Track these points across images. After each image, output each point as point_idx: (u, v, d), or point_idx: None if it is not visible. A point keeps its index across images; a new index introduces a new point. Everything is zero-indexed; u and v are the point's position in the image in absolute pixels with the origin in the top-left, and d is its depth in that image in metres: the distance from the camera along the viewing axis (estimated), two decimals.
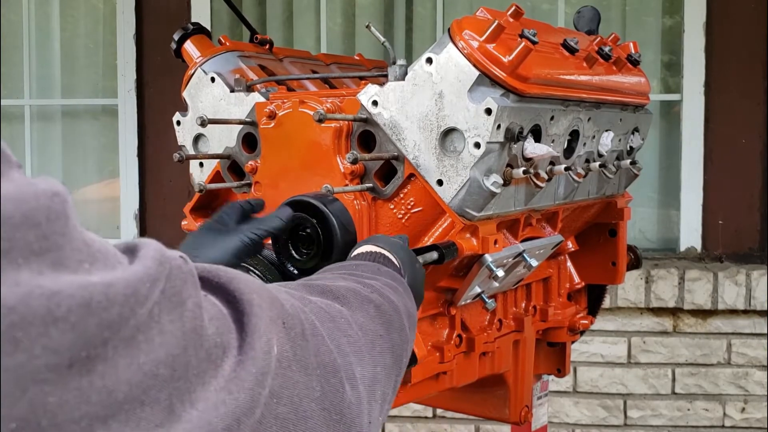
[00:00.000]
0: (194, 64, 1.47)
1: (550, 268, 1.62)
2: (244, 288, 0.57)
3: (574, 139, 1.40)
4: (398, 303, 0.81)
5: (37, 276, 0.41)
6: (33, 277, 0.41)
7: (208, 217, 1.49)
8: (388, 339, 0.76)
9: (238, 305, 0.56)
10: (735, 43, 3.18)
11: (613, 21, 3.38)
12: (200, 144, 1.47)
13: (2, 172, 0.42)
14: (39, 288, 0.41)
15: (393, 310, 0.79)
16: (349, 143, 1.26)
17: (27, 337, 0.40)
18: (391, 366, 0.75)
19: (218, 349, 0.51)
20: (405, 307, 0.83)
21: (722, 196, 3.22)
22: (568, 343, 1.72)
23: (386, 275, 0.87)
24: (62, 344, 0.41)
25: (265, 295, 0.60)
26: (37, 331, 0.40)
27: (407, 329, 0.82)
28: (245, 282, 0.58)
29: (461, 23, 1.19)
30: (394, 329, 0.78)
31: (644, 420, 3.14)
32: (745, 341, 3.08)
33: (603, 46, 1.45)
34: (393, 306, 0.80)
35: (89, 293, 0.43)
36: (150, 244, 0.50)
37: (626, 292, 3.04)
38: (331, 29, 3.48)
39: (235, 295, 0.56)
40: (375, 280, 0.83)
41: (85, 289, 0.43)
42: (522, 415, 1.55)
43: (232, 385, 0.52)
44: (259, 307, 0.57)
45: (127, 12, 3.40)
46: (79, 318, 0.42)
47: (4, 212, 0.41)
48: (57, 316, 0.41)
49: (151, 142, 3.43)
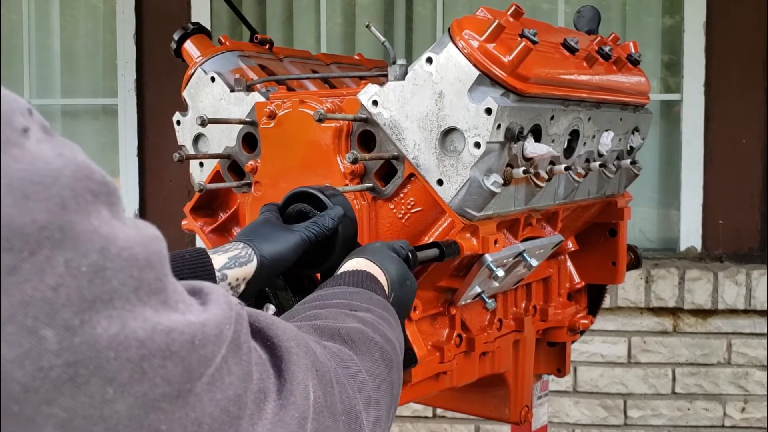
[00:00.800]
0: (194, 64, 1.47)
1: (550, 268, 1.62)
2: (282, 335, 0.61)
3: (574, 139, 1.40)
4: (394, 339, 0.83)
5: (156, 313, 0.46)
6: (154, 314, 0.46)
7: (208, 217, 1.50)
8: (389, 381, 0.78)
9: (276, 351, 0.59)
10: (735, 43, 3.18)
11: (613, 21, 3.38)
12: (200, 144, 1.47)
13: (122, 217, 0.47)
14: (159, 324, 0.46)
15: (392, 349, 0.81)
16: (349, 143, 1.26)
17: (151, 368, 0.45)
18: (389, 406, 0.77)
19: (261, 394, 0.55)
20: (398, 342, 0.85)
21: (722, 196, 3.22)
22: (568, 343, 1.72)
23: (378, 305, 0.88)
24: (174, 376, 0.46)
25: (301, 342, 0.63)
26: (158, 363, 0.45)
27: (401, 364, 0.84)
28: (282, 329, 0.62)
29: (461, 23, 1.19)
30: (394, 370, 0.80)
31: (644, 420, 3.14)
32: (745, 341, 3.08)
33: (603, 46, 1.45)
34: (391, 345, 0.81)
35: (193, 331, 0.48)
36: (216, 288, 0.55)
37: (626, 292, 3.04)
38: (331, 29, 3.48)
39: (274, 341, 0.60)
40: (370, 312, 0.84)
41: (189, 326, 0.48)
42: (522, 414, 1.55)
43: (278, 428, 0.55)
44: (296, 354, 0.60)
45: (127, 12, 3.40)
46: (186, 353, 0.47)
47: (135, 254, 0.46)
48: (173, 351, 0.46)
49: (151, 142, 3.43)
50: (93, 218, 0.44)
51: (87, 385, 0.43)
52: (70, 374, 0.42)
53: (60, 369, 0.42)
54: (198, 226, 1.48)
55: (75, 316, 0.42)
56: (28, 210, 0.42)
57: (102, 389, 0.43)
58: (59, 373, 0.42)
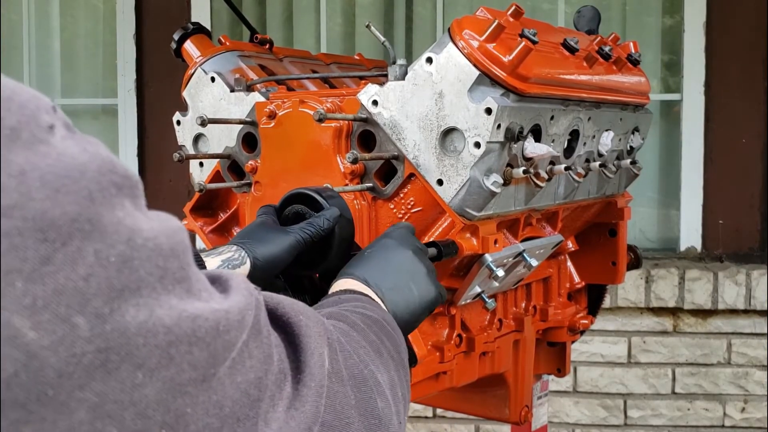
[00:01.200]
0: (194, 64, 1.47)
1: (550, 268, 1.62)
2: (290, 311, 0.63)
3: (574, 139, 1.40)
4: (373, 314, 0.83)
5: (181, 301, 0.48)
6: (179, 301, 0.48)
7: (208, 217, 1.50)
8: (386, 345, 0.79)
9: (288, 328, 0.62)
10: (735, 43, 3.18)
11: (613, 21, 3.38)
12: (200, 144, 1.47)
13: (144, 209, 0.49)
14: (185, 311, 0.48)
15: (373, 321, 0.82)
16: (349, 143, 1.26)
17: (178, 353, 0.47)
18: (398, 368, 0.78)
19: (281, 375, 0.57)
20: (380, 316, 0.85)
21: (722, 196, 3.22)
22: (568, 343, 1.72)
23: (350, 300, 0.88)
24: (200, 361, 0.48)
25: (310, 314, 0.65)
26: (185, 348, 0.47)
27: (393, 332, 0.84)
28: (290, 305, 0.64)
29: (461, 23, 1.19)
30: (385, 335, 0.80)
31: (644, 420, 3.14)
32: (745, 341, 3.08)
33: (603, 46, 1.45)
34: (372, 319, 0.82)
35: (217, 317, 0.50)
36: (236, 276, 0.57)
37: (626, 292, 3.04)
38: (331, 29, 3.48)
39: (284, 319, 0.62)
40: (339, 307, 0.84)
41: (214, 313, 0.50)
42: (522, 414, 1.55)
43: (297, 402, 0.58)
44: (307, 327, 0.63)
45: (127, 12, 3.40)
46: (212, 339, 0.49)
47: (160, 244, 0.47)
48: (198, 336, 0.48)
49: (151, 142, 3.43)
50: (117, 210, 0.46)
51: (117, 371, 0.44)
52: (102, 360, 0.44)
53: (92, 355, 0.43)
54: (198, 226, 1.48)
55: (105, 305, 0.44)
56: (59, 203, 0.43)
57: (132, 374, 0.45)
58: (91, 359, 0.43)
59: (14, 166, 0.43)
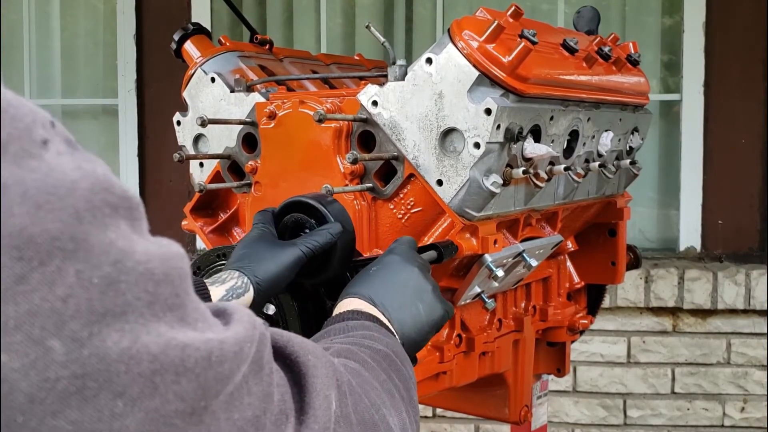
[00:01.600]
0: (194, 64, 1.47)
1: (550, 268, 1.62)
2: (299, 350, 0.60)
3: (574, 139, 1.41)
4: (382, 347, 0.81)
5: (171, 329, 0.46)
6: (169, 329, 0.46)
7: (208, 217, 1.50)
8: (396, 384, 0.77)
9: (295, 367, 0.59)
10: (735, 43, 3.19)
11: (613, 21, 3.38)
12: (200, 144, 1.47)
13: (144, 233, 0.47)
14: (174, 339, 0.45)
15: (383, 356, 0.79)
16: (348, 143, 1.26)
17: (163, 383, 0.45)
18: (408, 408, 0.76)
19: (282, 416, 0.54)
20: (389, 348, 0.82)
21: (722, 196, 3.22)
22: (568, 343, 1.72)
23: (356, 327, 0.86)
24: (188, 392, 0.46)
25: (319, 354, 0.62)
26: (171, 378, 0.45)
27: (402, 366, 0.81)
28: (299, 343, 0.61)
29: (461, 23, 1.19)
30: (395, 372, 0.78)
31: (644, 419, 3.14)
32: (745, 341, 3.09)
33: (602, 46, 1.45)
34: (382, 354, 0.79)
35: (210, 348, 0.47)
36: (241, 309, 0.55)
37: (626, 292, 3.05)
38: (331, 29, 3.48)
39: (292, 358, 0.59)
40: (347, 338, 0.82)
41: (206, 343, 0.47)
42: (522, 414, 1.55)
43: None
44: (314, 367, 0.60)
45: (127, 12, 3.40)
46: (202, 370, 0.46)
47: (152, 269, 0.45)
48: (187, 367, 0.46)
49: (151, 142, 3.43)
50: (110, 231, 0.44)
51: (95, 399, 0.42)
52: (78, 386, 0.42)
53: (67, 381, 0.42)
54: (198, 227, 1.48)
55: (84, 328, 0.42)
56: (40, 220, 0.42)
57: (111, 403, 0.43)
58: (66, 384, 0.42)
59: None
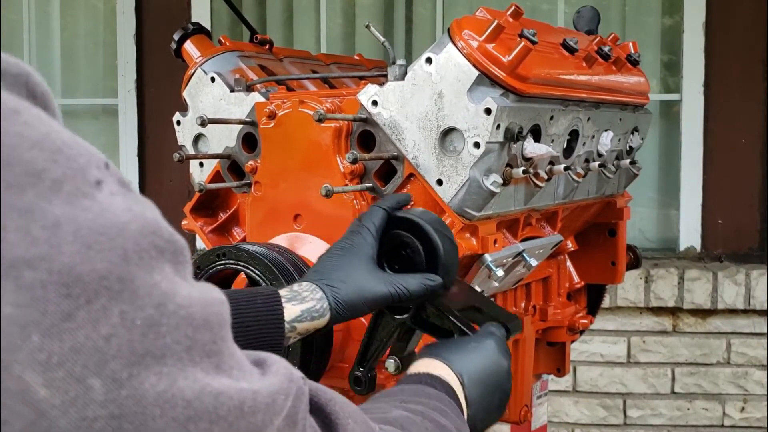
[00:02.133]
0: (194, 64, 1.48)
1: (550, 268, 1.62)
2: (340, 412, 0.60)
3: (574, 139, 1.41)
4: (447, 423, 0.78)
5: (206, 375, 0.46)
6: (205, 375, 0.46)
7: (208, 217, 1.50)
8: None
9: (332, 428, 0.58)
10: (735, 43, 3.19)
11: (613, 21, 3.38)
12: (200, 144, 1.47)
13: (188, 277, 0.47)
14: (209, 386, 0.45)
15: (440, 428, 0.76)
16: (348, 143, 1.27)
17: (197, 430, 0.44)
18: None
19: None
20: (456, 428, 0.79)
21: (722, 196, 3.22)
22: (568, 343, 1.72)
23: (431, 396, 0.82)
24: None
25: (359, 420, 0.62)
26: (204, 426, 0.45)
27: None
28: (341, 404, 0.60)
29: (461, 23, 1.19)
30: None
31: (644, 419, 3.14)
32: (745, 341, 3.09)
33: (602, 46, 1.45)
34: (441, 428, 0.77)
35: (242, 397, 0.47)
36: (279, 360, 0.54)
37: (626, 292, 3.05)
38: (331, 29, 3.48)
39: (332, 418, 0.59)
40: (420, 404, 0.79)
41: (240, 393, 0.47)
42: (521, 414, 1.55)
43: None
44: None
45: (127, 12, 3.41)
46: (234, 419, 0.46)
47: (193, 314, 0.46)
48: (220, 415, 0.45)
49: (151, 142, 3.43)
50: (156, 274, 0.45)
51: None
52: (114, 427, 0.42)
53: (104, 421, 0.42)
54: (198, 226, 1.48)
55: (124, 369, 0.42)
56: (89, 259, 0.42)
57: None
58: (103, 425, 0.42)
59: (50, 218, 0.42)
